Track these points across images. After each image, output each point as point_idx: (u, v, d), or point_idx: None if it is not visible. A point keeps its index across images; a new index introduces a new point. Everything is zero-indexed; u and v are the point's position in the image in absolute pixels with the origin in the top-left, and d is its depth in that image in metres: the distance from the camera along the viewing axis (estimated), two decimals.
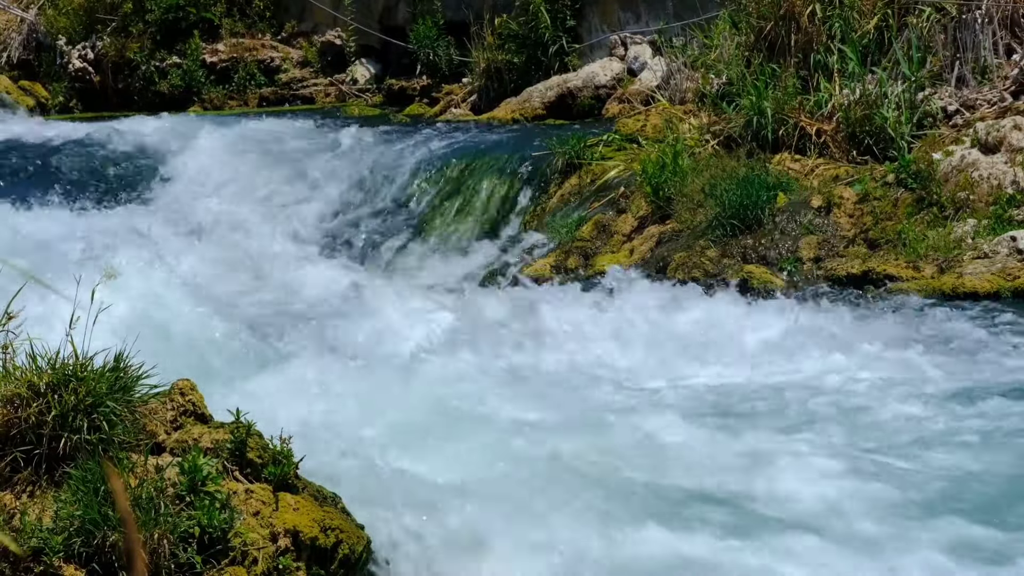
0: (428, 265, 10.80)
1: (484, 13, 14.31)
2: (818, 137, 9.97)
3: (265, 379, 7.02)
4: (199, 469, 4.93)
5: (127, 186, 12.53)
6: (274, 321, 9.04)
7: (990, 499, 5.73)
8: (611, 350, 7.94)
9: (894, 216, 8.94)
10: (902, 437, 6.43)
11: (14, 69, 16.73)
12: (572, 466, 6.03)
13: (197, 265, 10.20)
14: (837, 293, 8.46)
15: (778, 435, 6.45)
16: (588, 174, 10.74)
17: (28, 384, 4.96)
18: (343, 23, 15.89)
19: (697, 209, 9.47)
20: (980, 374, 7.18)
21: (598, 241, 9.92)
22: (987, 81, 9.99)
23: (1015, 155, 8.92)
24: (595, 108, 12.98)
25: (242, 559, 4.93)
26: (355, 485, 5.55)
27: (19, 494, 4.92)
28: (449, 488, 5.70)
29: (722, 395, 7.18)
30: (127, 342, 5.12)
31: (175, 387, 5.39)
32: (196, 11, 16.08)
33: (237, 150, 12.83)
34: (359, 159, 12.42)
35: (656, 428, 6.51)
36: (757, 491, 5.83)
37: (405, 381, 7.08)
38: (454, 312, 8.90)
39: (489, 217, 11.10)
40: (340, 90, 15.71)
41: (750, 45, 10.89)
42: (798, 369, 7.43)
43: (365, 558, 5.31)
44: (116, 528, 4.68)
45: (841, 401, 6.92)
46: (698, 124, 10.79)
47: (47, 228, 10.96)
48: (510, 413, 6.71)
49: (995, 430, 6.42)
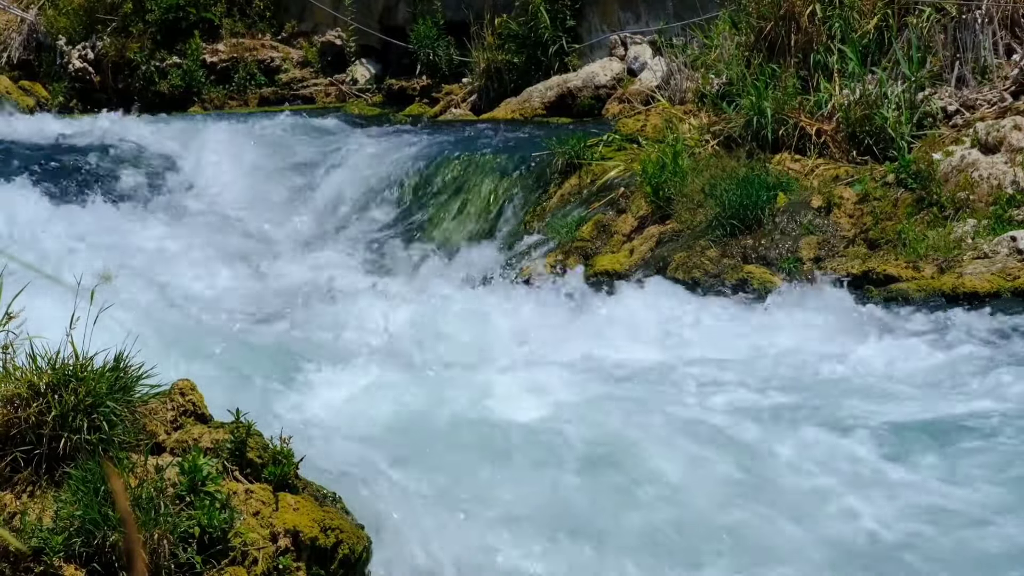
0: (427, 265, 10.79)
1: (484, 13, 14.31)
2: (818, 137, 9.97)
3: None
4: (199, 469, 4.93)
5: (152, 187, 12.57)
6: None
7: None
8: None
9: (894, 216, 8.94)
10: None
11: (14, 69, 16.73)
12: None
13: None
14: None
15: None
16: (588, 174, 10.74)
17: (28, 384, 4.97)
18: (343, 23, 15.89)
19: (697, 209, 9.47)
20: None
21: (598, 241, 9.92)
22: (987, 81, 9.99)
23: (1015, 155, 8.92)
24: (595, 108, 12.98)
25: (242, 559, 4.93)
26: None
27: (19, 494, 4.92)
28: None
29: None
30: (127, 342, 5.12)
31: (175, 387, 5.39)
32: (196, 11, 16.07)
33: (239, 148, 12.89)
34: (359, 159, 12.42)
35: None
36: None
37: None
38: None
39: (489, 217, 11.10)
40: (340, 90, 15.71)
41: (750, 45, 10.89)
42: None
43: (365, 558, 5.32)
44: (116, 528, 4.68)
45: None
46: (698, 124, 10.79)
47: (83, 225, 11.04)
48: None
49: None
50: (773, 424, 6.45)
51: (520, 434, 6.22)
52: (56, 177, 12.32)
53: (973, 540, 5.44)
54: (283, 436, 5.26)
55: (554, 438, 6.19)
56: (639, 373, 7.60)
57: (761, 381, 7.25)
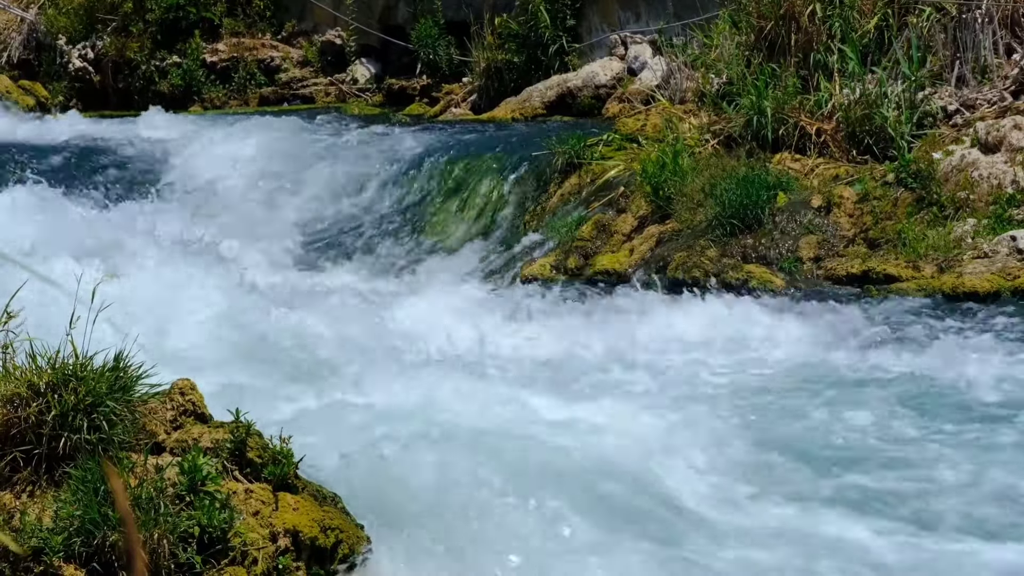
0: (427, 266, 10.79)
1: (484, 13, 14.31)
2: (818, 137, 9.97)
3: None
4: (199, 469, 4.93)
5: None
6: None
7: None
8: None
9: (894, 216, 8.94)
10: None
11: (14, 69, 16.73)
12: None
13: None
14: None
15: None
16: (588, 174, 10.73)
17: (28, 384, 4.96)
18: (343, 23, 15.89)
19: (697, 209, 9.47)
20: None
21: (598, 241, 9.92)
22: (987, 81, 9.99)
23: (1015, 155, 8.92)
24: (595, 108, 12.98)
25: (242, 559, 4.93)
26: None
27: (19, 494, 4.92)
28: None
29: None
30: (126, 341, 5.12)
31: (175, 387, 5.39)
32: (196, 11, 16.08)
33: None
34: (358, 160, 12.41)
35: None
36: None
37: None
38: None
39: (489, 217, 11.09)
40: (340, 90, 15.71)
41: (750, 45, 10.89)
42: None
43: (365, 558, 5.31)
44: (116, 528, 4.68)
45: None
46: (698, 124, 10.79)
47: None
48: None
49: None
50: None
51: None
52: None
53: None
54: (283, 436, 5.26)
55: None
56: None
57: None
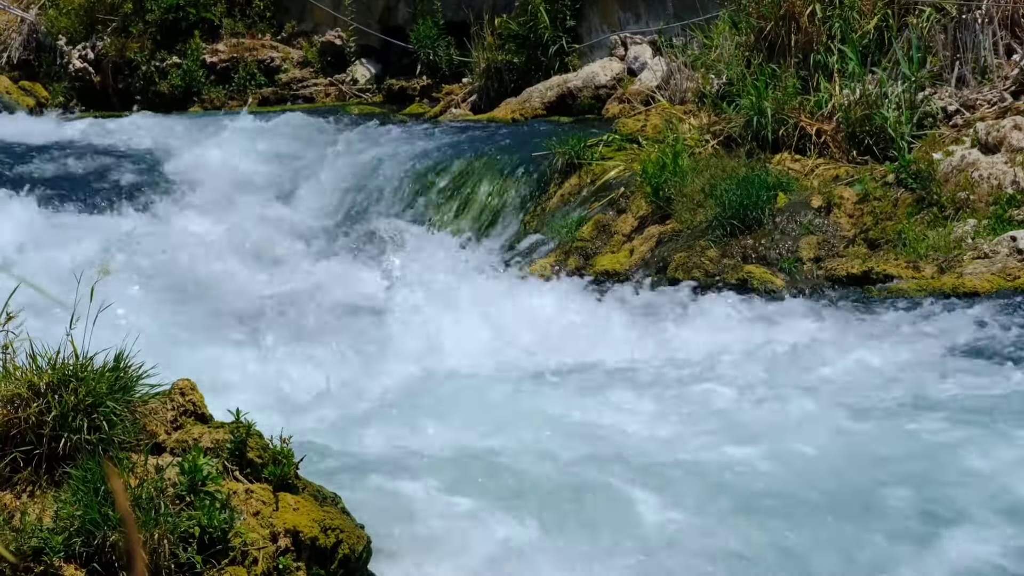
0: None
1: (484, 13, 14.31)
2: (818, 137, 9.97)
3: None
4: (199, 469, 4.92)
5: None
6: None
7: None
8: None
9: (894, 216, 8.94)
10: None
11: (14, 69, 16.73)
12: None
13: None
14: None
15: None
16: (588, 174, 10.73)
17: (28, 384, 4.96)
18: (343, 23, 15.89)
19: (697, 209, 9.47)
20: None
21: (598, 241, 9.92)
22: (987, 81, 9.99)
23: (1015, 155, 8.92)
24: (595, 108, 12.97)
25: (242, 559, 4.93)
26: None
27: (19, 494, 4.92)
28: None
29: None
30: (126, 341, 5.12)
31: (175, 387, 5.39)
32: (196, 11, 16.07)
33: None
34: (357, 160, 12.41)
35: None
36: None
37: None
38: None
39: (489, 217, 11.09)
40: (340, 90, 15.71)
41: (750, 45, 10.89)
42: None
43: (365, 558, 5.32)
44: (116, 528, 4.68)
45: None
46: (698, 124, 10.79)
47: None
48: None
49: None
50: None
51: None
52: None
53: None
54: (283, 436, 5.26)
55: None
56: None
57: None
